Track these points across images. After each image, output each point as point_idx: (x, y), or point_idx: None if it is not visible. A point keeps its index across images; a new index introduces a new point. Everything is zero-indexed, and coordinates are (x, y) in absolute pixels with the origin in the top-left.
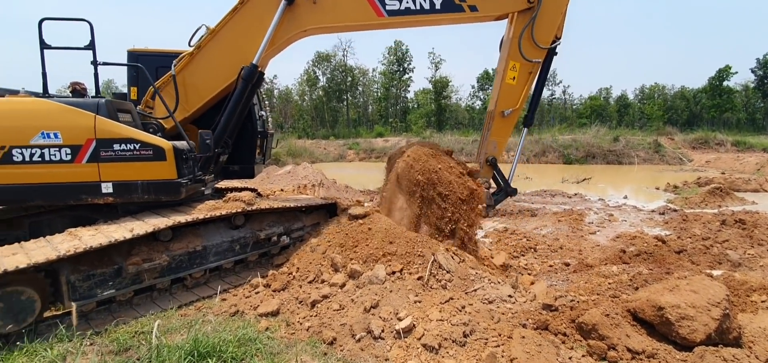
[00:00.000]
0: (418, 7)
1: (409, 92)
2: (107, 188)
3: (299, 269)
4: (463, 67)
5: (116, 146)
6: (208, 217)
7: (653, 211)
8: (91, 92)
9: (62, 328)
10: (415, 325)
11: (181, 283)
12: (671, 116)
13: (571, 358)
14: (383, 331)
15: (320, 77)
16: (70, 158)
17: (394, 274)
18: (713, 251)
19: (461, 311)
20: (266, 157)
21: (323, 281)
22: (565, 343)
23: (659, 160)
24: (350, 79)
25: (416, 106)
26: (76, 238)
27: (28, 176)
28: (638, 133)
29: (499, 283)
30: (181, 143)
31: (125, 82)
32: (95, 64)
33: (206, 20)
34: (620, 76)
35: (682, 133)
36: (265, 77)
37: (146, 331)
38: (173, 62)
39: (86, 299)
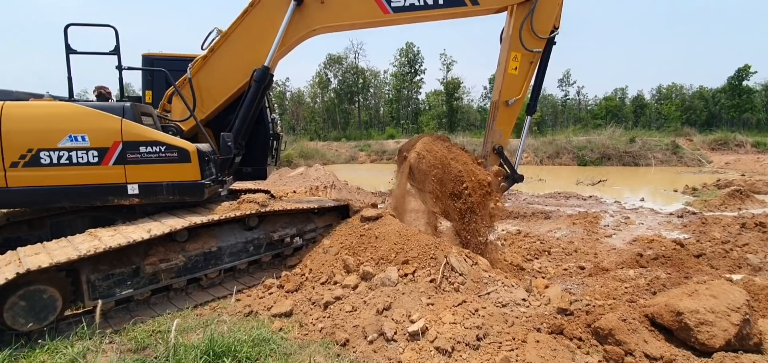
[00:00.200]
0: (421, 2)
1: (420, 94)
2: (133, 190)
3: (312, 270)
4: (474, 68)
5: (142, 149)
6: (223, 218)
7: (671, 213)
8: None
9: (83, 325)
10: (427, 327)
11: (196, 283)
12: (689, 117)
13: None
14: (396, 333)
15: (332, 79)
16: (97, 160)
17: (406, 276)
18: (733, 255)
19: (474, 314)
20: (277, 159)
21: (336, 283)
22: (580, 348)
23: (677, 161)
24: (361, 81)
25: (428, 107)
26: (96, 238)
27: (55, 178)
28: (655, 133)
29: (512, 286)
30: (203, 145)
31: (139, 85)
32: (120, 68)
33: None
34: (636, 75)
35: (700, 133)
36: (275, 79)
37: (163, 330)
38: (189, 66)
39: (106, 298)
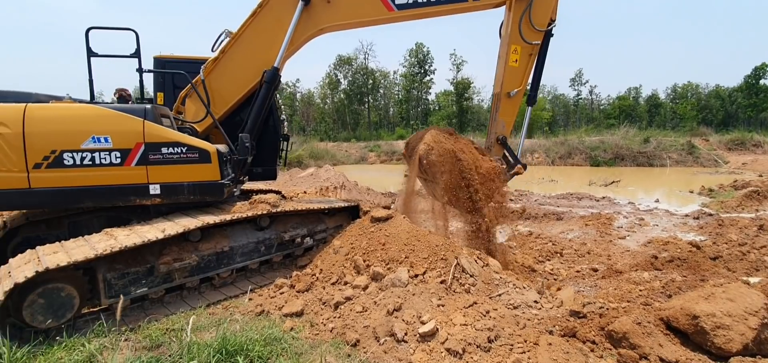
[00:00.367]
0: None
1: (430, 94)
2: (155, 190)
3: (322, 271)
4: (484, 68)
5: (164, 150)
6: (235, 218)
7: (687, 215)
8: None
9: (101, 322)
10: (438, 329)
11: (209, 282)
12: (705, 116)
13: None
14: (406, 334)
15: (342, 80)
16: (119, 161)
17: (416, 277)
18: (750, 258)
19: (485, 316)
20: (285, 159)
21: (346, 283)
22: (594, 351)
23: (693, 162)
24: (371, 81)
25: (438, 108)
26: (112, 237)
27: (78, 179)
28: (670, 133)
29: (524, 288)
30: (221, 146)
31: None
32: (140, 71)
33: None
34: (651, 74)
35: (716, 133)
36: (284, 80)
37: (177, 328)
38: (201, 67)
39: (121, 296)
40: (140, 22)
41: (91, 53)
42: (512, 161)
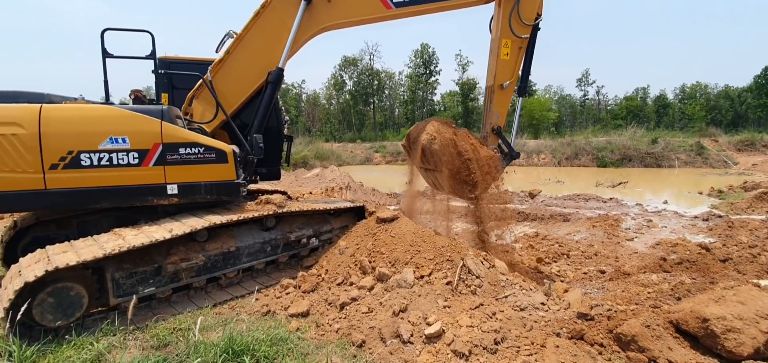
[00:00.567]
0: None
1: (435, 95)
2: (172, 190)
3: (328, 271)
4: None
5: (182, 150)
6: (241, 218)
7: (696, 217)
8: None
9: (109, 321)
10: (444, 330)
11: (215, 282)
12: (714, 117)
13: None
14: (412, 335)
15: (347, 81)
16: (137, 162)
17: (422, 278)
18: (761, 260)
19: (492, 318)
20: (288, 159)
21: (352, 284)
22: (601, 354)
23: (702, 163)
24: (377, 82)
25: (443, 108)
26: (120, 237)
27: (95, 180)
28: (679, 134)
29: (531, 290)
30: (235, 147)
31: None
32: (156, 72)
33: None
34: (659, 75)
35: (726, 134)
36: (290, 81)
37: (184, 327)
38: (208, 69)
39: (129, 296)
40: (140, 23)
41: (106, 54)
42: (506, 150)
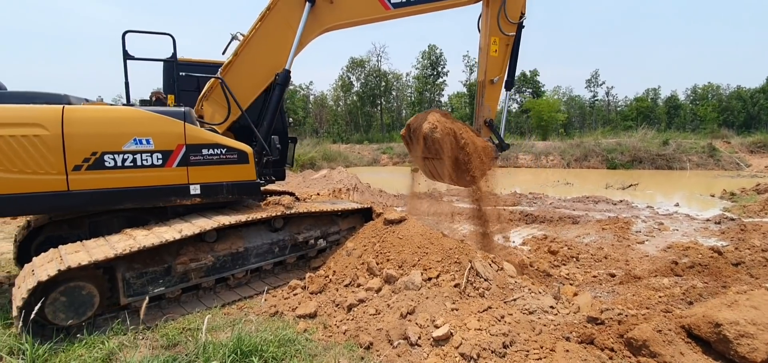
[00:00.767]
0: None
1: (443, 96)
2: (195, 190)
3: (335, 273)
4: None
5: (204, 151)
6: (250, 219)
7: (708, 219)
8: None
9: (120, 320)
10: (452, 333)
11: (224, 282)
12: (727, 118)
13: None
14: (420, 338)
15: (354, 82)
16: (161, 163)
17: (430, 280)
18: None
19: (500, 321)
20: (292, 160)
21: (359, 285)
22: (612, 359)
23: (714, 164)
24: (384, 83)
25: (451, 110)
26: (131, 237)
27: (119, 181)
28: (690, 136)
29: (540, 293)
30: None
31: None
32: (176, 74)
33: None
34: (669, 75)
35: (738, 135)
36: (297, 83)
37: (193, 327)
38: (219, 70)
39: (139, 295)
40: (142, 23)
41: (127, 56)
42: (497, 141)
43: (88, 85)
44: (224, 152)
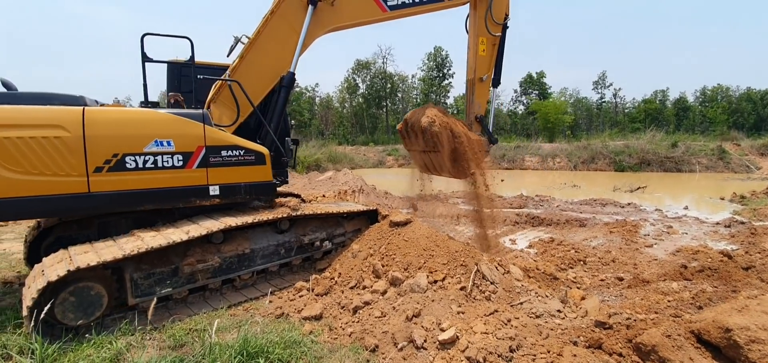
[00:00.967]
0: (410, 0)
1: (449, 98)
2: (214, 191)
3: (341, 275)
4: (504, 71)
5: (223, 153)
6: (256, 221)
7: (718, 223)
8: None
9: (127, 321)
10: (458, 336)
11: (230, 283)
12: (736, 120)
13: None
14: (426, 341)
15: (360, 84)
16: (181, 164)
17: (436, 282)
18: None
19: (507, 325)
20: (294, 162)
21: (365, 287)
22: None
23: (723, 167)
24: (390, 85)
25: (456, 111)
26: (139, 239)
27: (139, 182)
28: (699, 138)
29: (546, 296)
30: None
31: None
32: (194, 77)
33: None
34: (678, 77)
35: (748, 138)
36: (303, 84)
37: (200, 328)
38: (226, 72)
39: (147, 296)
40: (144, 24)
41: (145, 58)
42: (488, 136)
43: (81, 86)
44: (242, 154)
